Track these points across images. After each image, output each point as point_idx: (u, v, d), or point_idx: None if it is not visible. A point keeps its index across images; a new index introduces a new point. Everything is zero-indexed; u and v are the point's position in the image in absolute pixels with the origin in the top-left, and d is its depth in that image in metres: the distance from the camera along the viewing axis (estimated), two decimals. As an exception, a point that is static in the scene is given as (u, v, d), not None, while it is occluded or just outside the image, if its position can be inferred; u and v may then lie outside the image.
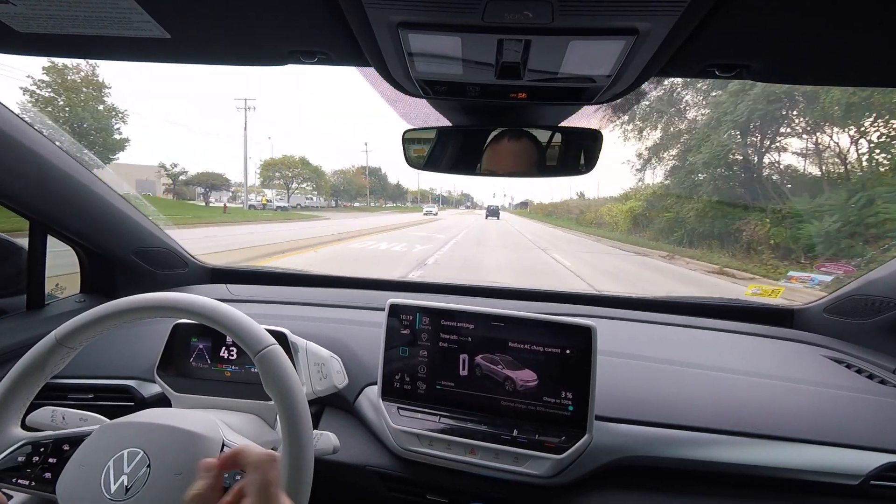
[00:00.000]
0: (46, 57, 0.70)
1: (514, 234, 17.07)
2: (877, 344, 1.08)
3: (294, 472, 0.54)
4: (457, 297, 1.34)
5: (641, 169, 16.10)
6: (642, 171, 16.14)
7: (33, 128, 0.92)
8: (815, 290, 1.69)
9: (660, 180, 15.66)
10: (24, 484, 0.58)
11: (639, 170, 16.20)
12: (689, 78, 0.63)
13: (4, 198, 0.94)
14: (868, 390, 0.88)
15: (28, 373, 0.60)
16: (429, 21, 0.48)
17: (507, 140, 0.85)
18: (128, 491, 0.53)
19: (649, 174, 16.06)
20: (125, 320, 0.61)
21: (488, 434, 0.76)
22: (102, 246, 1.18)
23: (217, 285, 1.41)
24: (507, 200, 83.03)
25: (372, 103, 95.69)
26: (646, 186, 16.41)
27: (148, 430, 0.58)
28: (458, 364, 0.80)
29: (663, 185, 15.04)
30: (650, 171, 15.94)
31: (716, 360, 0.97)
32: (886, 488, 0.71)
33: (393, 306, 0.83)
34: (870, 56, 0.55)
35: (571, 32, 0.48)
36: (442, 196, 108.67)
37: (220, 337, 0.85)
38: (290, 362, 0.60)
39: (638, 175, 16.61)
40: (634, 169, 16.26)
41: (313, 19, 0.54)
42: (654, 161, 15.33)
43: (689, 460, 0.74)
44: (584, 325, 0.75)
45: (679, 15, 0.44)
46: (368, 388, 0.90)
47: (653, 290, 6.14)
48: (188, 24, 0.56)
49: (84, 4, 0.51)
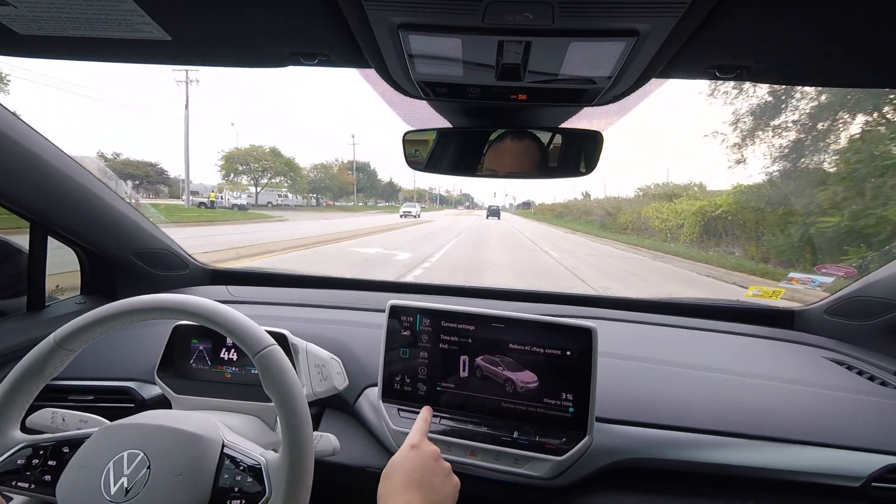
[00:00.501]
0: (47, 59, 0.70)
1: (524, 248, 11.76)
2: (878, 345, 1.08)
3: (294, 473, 0.54)
4: (457, 298, 1.34)
5: (740, 148, 9.80)
6: (740, 151, 9.83)
7: (33, 129, 0.92)
8: (816, 291, 1.69)
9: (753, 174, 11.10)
10: (23, 487, 0.57)
11: (739, 150, 9.84)
12: (689, 79, 0.63)
13: (5, 199, 0.94)
14: (869, 392, 0.88)
15: (28, 375, 0.59)
16: (429, 22, 0.48)
17: (507, 141, 0.85)
18: (128, 493, 0.53)
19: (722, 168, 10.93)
20: (125, 322, 0.61)
21: (488, 436, 0.76)
22: (102, 247, 1.18)
23: (217, 287, 1.40)
24: (509, 201, 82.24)
25: (361, 93, 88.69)
26: (736, 186, 10.75)
27: (148, 431, 0.58)
28: (459, 365, 0.80)
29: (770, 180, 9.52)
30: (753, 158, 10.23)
31: (716, 362, 0.97)
32: (887, 490, 0.70)
33: (393, 308, 0.83)
34: (870, 57, 0.55)
35: (572, 34, 0.48)
36: (440, 196, 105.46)
37: (221, 338, 0.85)
38: (289, 363, 0.59)
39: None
40: (731, 151, 10.07)
41: (314, 21, 0.54)
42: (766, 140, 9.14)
43: (690, 462, 0.74)
44: (584, 326, 0.75)
45: (679, 16, 0.44)
46: (369, 390, 0.89)
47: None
48: (188, 26, 0.56)
49: (85, 6, 0.51)
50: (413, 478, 0.59)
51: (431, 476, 0.60)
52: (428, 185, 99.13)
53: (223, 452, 0.58)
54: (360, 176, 54.97)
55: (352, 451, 0.84)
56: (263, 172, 35.26)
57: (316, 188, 43.67)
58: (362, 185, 55.73)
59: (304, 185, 41.00)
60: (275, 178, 36.44)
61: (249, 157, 34.10)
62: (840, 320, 1.16)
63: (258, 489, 0.55)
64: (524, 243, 13.14)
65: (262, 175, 35.30)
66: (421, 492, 0.57)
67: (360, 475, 0.83)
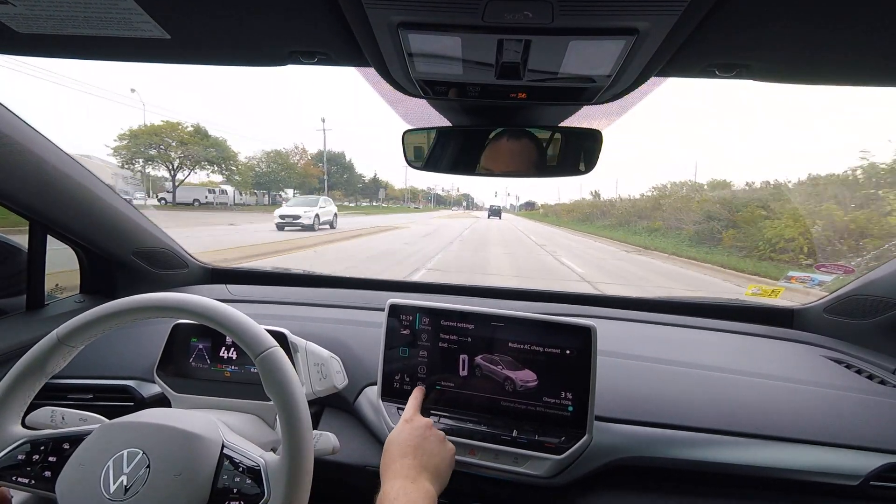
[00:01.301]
0: (46, 57, 0.70)
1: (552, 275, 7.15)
2: (877, 344, 1.08)
3: (293, 475, 0.54)
4: (457, 297, 1.34)
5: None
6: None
7: (33, 128, 0.92)
8: (816, 290, 1.68)
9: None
10: (23, 482, 0.58)
11: None
12: (689, 77, 0.63)
13: (4, 198, 0.94)
14: (868, 391, 0.88)
15: (29, 371, 0.60)
16: (429, 21, 0.48)
17: (506, 140, 0.85)
18: (127, 491, 0.53)
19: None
20: (126, 320, 0.62)
21: (488, 434, 0.76)
22: (102, 246, 1.18)
23: (217, 285, 1.40)
24: (510, 201, 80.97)
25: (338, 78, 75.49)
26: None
27: (148, 430, 0.58)
28: (458, 364, 0.80)
29: None
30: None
31: (715, 361, 0.97)
32: (886, 489, 0.71)
33: (393, 306, 0.83)
34: (870, 55, 0.55)
35: (571, 32, 0.48)
36: (437, 195, 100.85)
37: (220, 337, 0.85)
38: (290, 364, 0.60)
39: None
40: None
41: (313, 20, 0.54)
42: None
43: (689, 461, 0.74)
44: (583, 325, 0.75)
45: (679, 15, 0.44)
46: (368, 389, 0.90)
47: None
48: (188, 25, 0.56)
49: (84, 5, 0.51)
50: (409, 445, 0.64)
51: (425, 442, 0.65)
52: (426, 185, 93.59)
53: (223, 453, 0.58)
54: (333, 169, 45.11)
55: (351, 450, 0.84)
56: (186, 160, 25.61)
57: (265, 182, 33.95)
58: (336, 181, 46.15)
59: (247, 178, 31.47)
60: (204, 167, 26.76)
61: (159, 138, 24.38)
62: (839, 319, 1.16)
63: (257, 491, 0.55)
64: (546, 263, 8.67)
65: (185, 163, 25.66)
66: (416, 457, 0.62)
67: (359, 474, 0.83)
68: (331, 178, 42.85)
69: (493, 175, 0.89)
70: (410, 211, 53.23)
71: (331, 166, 43.87)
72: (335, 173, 45.82)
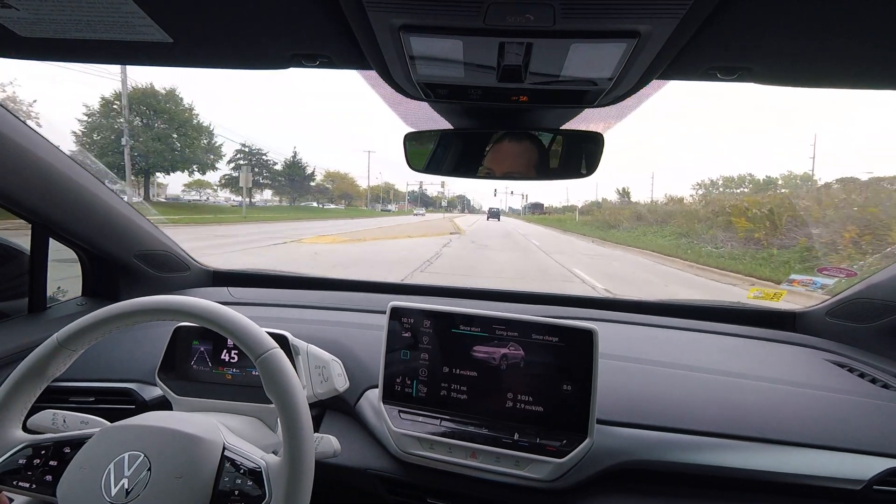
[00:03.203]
0: (48, 61, 0.70)
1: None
2: (879, 348, 1.08)
3: (294, 478, 0.54)
4: (458, 300, 1.34)
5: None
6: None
7: (35, 131, 0.92)
8: (818, 293, 1.68)
9: None
10: (24, 486, 0.57)
11: None
12: (690, 80, 0.63)
13: (6, 200, 0.94)
14: (871, 394, 0.88)
15: (30, 375, 0.60)
16: (430, 24, 0.48)
17: (508, 143, 0.85)
18: (128, 494, 0.53)
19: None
20: (128, 323, 0.62)
21: (489, 437, 0.76)
22: (104, 249, 1.18)
23: (218, 288, 1.41)
24: (513, 201, 78.04)
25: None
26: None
27: (149, 433, 0.58)
28: (459, 367, 0.80)
29: None
30: None
31: (718, 364, 0.96)
32: (889, 493, 0.70)
33: (394, 309, 0.83)
34: (872, 58, 0.55)
35: (573, 35, 0.48)
36: (422, 194, 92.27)
37: (221, 340, 0.85)
38: (291, 366, 0.59)
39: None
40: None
41: (315, 23, 0.54)
42: None
43: (691, 464, 0.74)
44: (585, 328, 0.75)
45: (681, 18, 0.44)
46: (369, 391, 0.89)
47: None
48: (190, 29, 0.56)
49: (87, 9, 0.51)
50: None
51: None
52: (406, 183, 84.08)
53: (224, 455, 0.58)
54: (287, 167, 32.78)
55: (352, 453, 0.84)
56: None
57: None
58: (297, 180, 33.29)
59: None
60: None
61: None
62: (842, 322, 1.16)
63: (258, 493, 0.55)
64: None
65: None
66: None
67: (360, 476, 0.83)
68: (291, 176, 28.57)
69: (494, 177, 0.89)
70: (363, 215, 39.03)
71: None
72: (291, 171, 31.56)
